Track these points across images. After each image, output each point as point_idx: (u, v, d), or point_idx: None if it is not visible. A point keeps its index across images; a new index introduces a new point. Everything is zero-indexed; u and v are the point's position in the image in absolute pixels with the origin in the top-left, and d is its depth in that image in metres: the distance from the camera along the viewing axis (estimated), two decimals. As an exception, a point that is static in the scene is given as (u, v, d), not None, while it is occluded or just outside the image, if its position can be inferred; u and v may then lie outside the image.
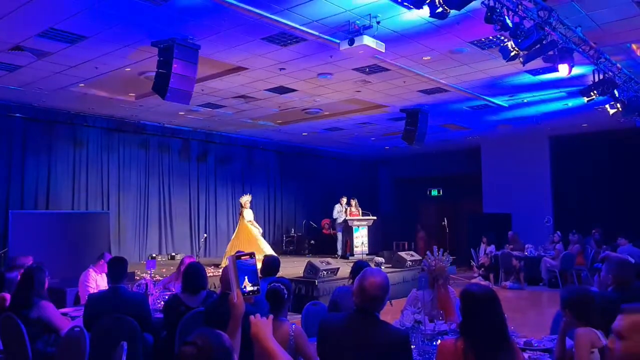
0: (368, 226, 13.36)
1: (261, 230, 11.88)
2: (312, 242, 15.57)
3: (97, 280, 6.09)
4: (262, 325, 2.13)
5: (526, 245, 12.36)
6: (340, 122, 12.97)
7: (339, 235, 13.72)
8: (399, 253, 11.31)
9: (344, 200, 13.89)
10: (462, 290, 2.66)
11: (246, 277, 2.22)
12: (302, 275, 9.19)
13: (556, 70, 6.63)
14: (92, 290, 5.85)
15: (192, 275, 4.27)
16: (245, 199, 11.73)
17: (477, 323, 2.49)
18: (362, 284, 2.72)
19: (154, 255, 12.84)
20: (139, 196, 13.07)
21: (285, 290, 3.50)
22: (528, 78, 9.15)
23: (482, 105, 11.13)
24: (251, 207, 12.19)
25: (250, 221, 11.33)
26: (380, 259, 10.64)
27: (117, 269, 4.44)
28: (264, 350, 2.10)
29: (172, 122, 12.98)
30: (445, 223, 13.83)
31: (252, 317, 2.14)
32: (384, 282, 2.73)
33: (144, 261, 11.90)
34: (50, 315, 4.21)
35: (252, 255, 2.25)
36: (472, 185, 16.23)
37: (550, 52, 6.28)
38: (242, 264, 2.22)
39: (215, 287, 8.29)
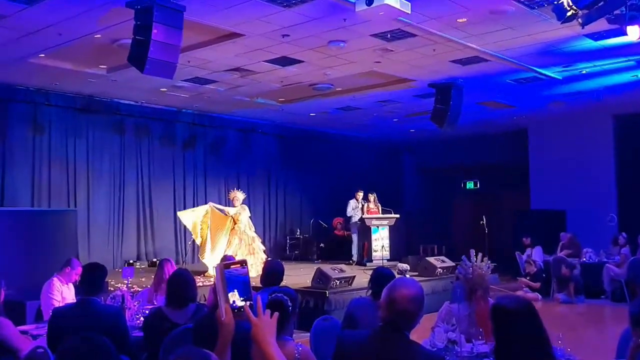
0: (389, 226, 13.39)
1: (254, 231, 11.96)
2: (322, 245, 15.61)
3: (63, 292, 6.13)
4: (264, 325, 2.13)
5: (584, 250, 12.27)
6: (356, 100, 12.96)
7: (354, 237, 13.76)
8: (428, 259, 11.31)
9: (360, 194, 13.91)
10: (492, 304, 2.64)
11: (236, 290, 2.21)
12: (310, 285, 9.23)
13: (624, 33, 6.54)
14: (57, 304, 5.88)
15: (178, 285, 4.27)
16: (235, 196, 11.81)
17: (512, 345, 2.46)
18: (391, 295, 2.71)
19: (131, 261, 12.93)
20: (113, 191, 13.16)
21: (289, 302, 3.48)
22: (588, 44, 9.06)
23: (530, 78, 11.05)
24: (246, 203, 12.23)
25: (237, 220, 11.45)
26: (405, 266, 10.64)
27: (93, 279, 4.44)
28: (262, 356, 2.10)
29: (153, 100, 13.02)
30: (484, 222, 13.80)
31: (253, 317, 2.14)
32: (418, 294, 2.71)
33: (119, 269, 11.99)
34: (7, 334, 4.23)
35: (243, 263, 2.24)
36: (516, 176, 16.16)
37: (617, 11, 6.19)
38: (231, 274, 2.21)
39: (205, 300, 8.33)
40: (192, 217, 11.49)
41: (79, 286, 4.55)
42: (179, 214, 11.88)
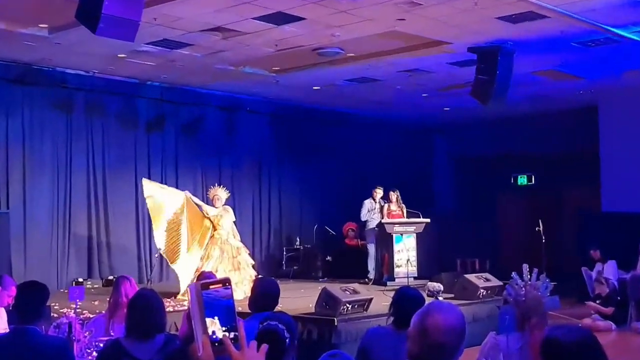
0: (417, 233, 13.40)
1: (239, 240, 12.01)
2: (329, 258, 15.64)
3: (-7, 319, 6.17)
4: (248, 358, 2.15)
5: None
6: (373, 69, 12.94)
7: (371, 248, 13.78)
8: (467, 276, 11.29)
9: (379, 192, 13.92)
10: (544, 337, 2.65)
11: (217, 318, 2.22)
12: (313, 310, 9.24)
13: None
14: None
15: (142, 310, 4.28)
16: (215, 194, 11.83)
17: None
18: (424, 324, 2.71)
19: (80, 279, 12.98)
20: (57, 186, 13.19)
21: (286, 332, 3.49)
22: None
23: (602, 40, 11.02)
24: (230, 204, 12.24)
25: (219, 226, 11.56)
26: (437, 286, 10.64)
27: (30, 302, 4.46)
28: None
29: (108, 70, 13.04)
30: (541, 228, 13.77)
31: (235, 351, 2.15)
32: (458, 323, 2.70)
33: (64, 289, 12.03)
34: None
35: (226, 282, 2.25)
36: (583, 169, 16.11)
37: None
38: (210, 297, 2.22)
39: (177, 329, 8.34)
40: (160, 197, 11.55)
41: (13, 311, 4.56)
42: (144, 182, 11.91)
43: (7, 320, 6.24)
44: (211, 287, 2.23)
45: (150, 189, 11.69)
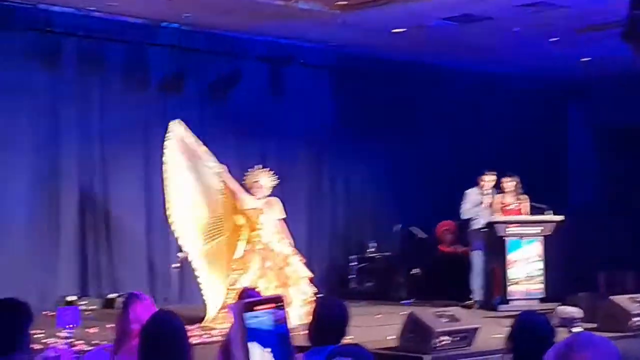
0: (544, 237, 13.27)
1: (291, 244, 12.06)
2: (416, 271, 15.61)
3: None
4: None
5: None
6: (480, 3, 12.91)
7: (477, 258, 13.70)
8: (615, 298, 11.14)
9: (489, 179, 13.77)
10: None
11: (269, 350, 2.27)
12: (395, 344, 9.25)
13: None
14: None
15: (159, 340, 4.34)
16: (256, 181, 11.91)
17: None
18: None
19: (71, 297, 13.17)
20: (38, 167, 13.38)
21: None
22: None
23: None
24: (277, 195, 12.24)
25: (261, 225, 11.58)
26: (572, 311, 10.51)
27: (5, 328, 4.55)
28: None
29: (108, 7, 13.19)
30: None
31: None
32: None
33: (51, 311, 12.23)
34: None
35: (278, 302, 2.29)
36: None
37: None
38: (255, 323, 2.26)
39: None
40: (186, 161, 11.70)
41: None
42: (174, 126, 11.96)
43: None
44: (258, 308, 2.26)
45: (176, 145, 11.77)
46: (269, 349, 2.28)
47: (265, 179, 11.97)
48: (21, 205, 13.23)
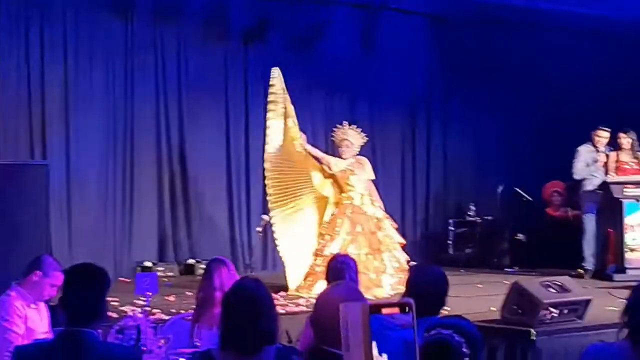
0: (666, 200, 13.05)
1: (382, 208, 12.04)
2: (521, 237, 15.53)
3: (29, 317, 6.38)
4: None
5: None
6: None
7: (589, 222, 13.55)
8: None
9: (603, 135, 13.53)
10: None
11: (385, 356, 2.29)
12: (498, 316, 9.18)
13: None
14: (17, 339, 6.17)
15: (243, 310, 4.37)
16: (344, 138, 11.89)
17: None
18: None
19: (148, 263, 13.41)
20: (113, 126, 13.60)
21: (464, 346, 3.54)
22: None
23: None
24: (367, 155, 12.22)
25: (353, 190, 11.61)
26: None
27: (84, 295, 4.59)
28: None
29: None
30: None
31: None
32: None
33: (127, 277, 12.45)
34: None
35: (406, 307, 2.29)
36: None
37: None
38: (382, 326, 2.27)
39: (289, 339, 8.51)
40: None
41: (60, 308, 4.73)
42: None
43: (49, 321, 6.51)
44: (384, 310, 2.26)
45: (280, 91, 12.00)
46: (385, 356, 2.29)
47: (354, 136, 11.95)
48: (95, 165, 13.48)
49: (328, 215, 11.73)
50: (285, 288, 11.34)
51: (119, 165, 13.63)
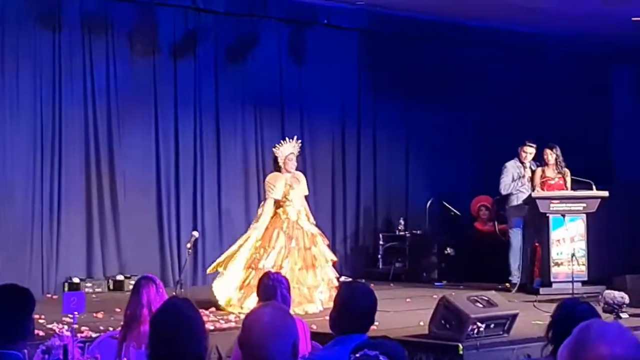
0: (587, 214, 13.22)
1: (314, 223, 12.10)
2: (449, 251, 15.63)
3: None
4: None
5: None
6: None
7: (515, 237, 13.70)
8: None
9: (529, 150, 13.69)
10: None
11: None
12: (426, 331, 9.26)
13: None
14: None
15: (171, 328, 4.37)
16: (288, 151, 11.93)
17: None
18: (577, 358, 2.71)
19: (76, 279, 13.27)
20: (40, 137, 13.40)
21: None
22: None
23: None
24: (300, 168, 12.24)
25: (290, 205, 11.63)
26: (618, 296, 10.48)
27: (8, 315, 4.59)
28: None
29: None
30: None
31: None
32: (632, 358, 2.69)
33: (53, 294, 12.33)
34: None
35: None
36: None
37: None
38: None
39: (219, 356, 8.50)
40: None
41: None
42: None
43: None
44: None
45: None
46: None
47: (292, 149, 12.02)
48: (20, 177, 13.27)
49: (263, 227, 11.67)
50: (215, 304, 11.29)
51: (46, 178, 13.41)
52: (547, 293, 12.31)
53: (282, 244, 11.42)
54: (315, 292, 11.06)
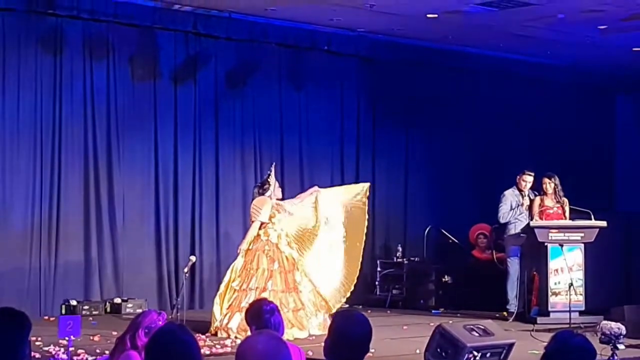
0: (585, 244, 13.21)
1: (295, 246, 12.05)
2: (447, 279, 15.58)
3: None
4: None
5: None
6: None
7: (513, 265, 13.69)
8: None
9: (528, 179, 13.69)
10: None
11: None
12: (422, 359, 9.14)
13: None
14: None
15: (164, 353, 4.37)
16: (273, 179, 12.00)
17: None
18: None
19: (73, 302, 13.24)
20: (39, 162, 13.40)
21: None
22: None
23: None
24: (293, 192, 12.26)
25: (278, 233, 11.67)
26: (615, 327, 10.45)
27: (4, 339, 4.56)
28: None
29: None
30: None
31: None
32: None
33: (50, 316, 12.31)
34: None
35: None
36: None
37: None
38: None
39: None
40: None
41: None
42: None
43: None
44: None
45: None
46: None
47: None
48: (20, 201, 13.27)
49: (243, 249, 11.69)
50: (211, 330, 11.25)
51: (45, 200, 13.41)
52: (544, 322, 12.30)
53: (264, 266, 11.43)
54: (299, 317, 11.09)
